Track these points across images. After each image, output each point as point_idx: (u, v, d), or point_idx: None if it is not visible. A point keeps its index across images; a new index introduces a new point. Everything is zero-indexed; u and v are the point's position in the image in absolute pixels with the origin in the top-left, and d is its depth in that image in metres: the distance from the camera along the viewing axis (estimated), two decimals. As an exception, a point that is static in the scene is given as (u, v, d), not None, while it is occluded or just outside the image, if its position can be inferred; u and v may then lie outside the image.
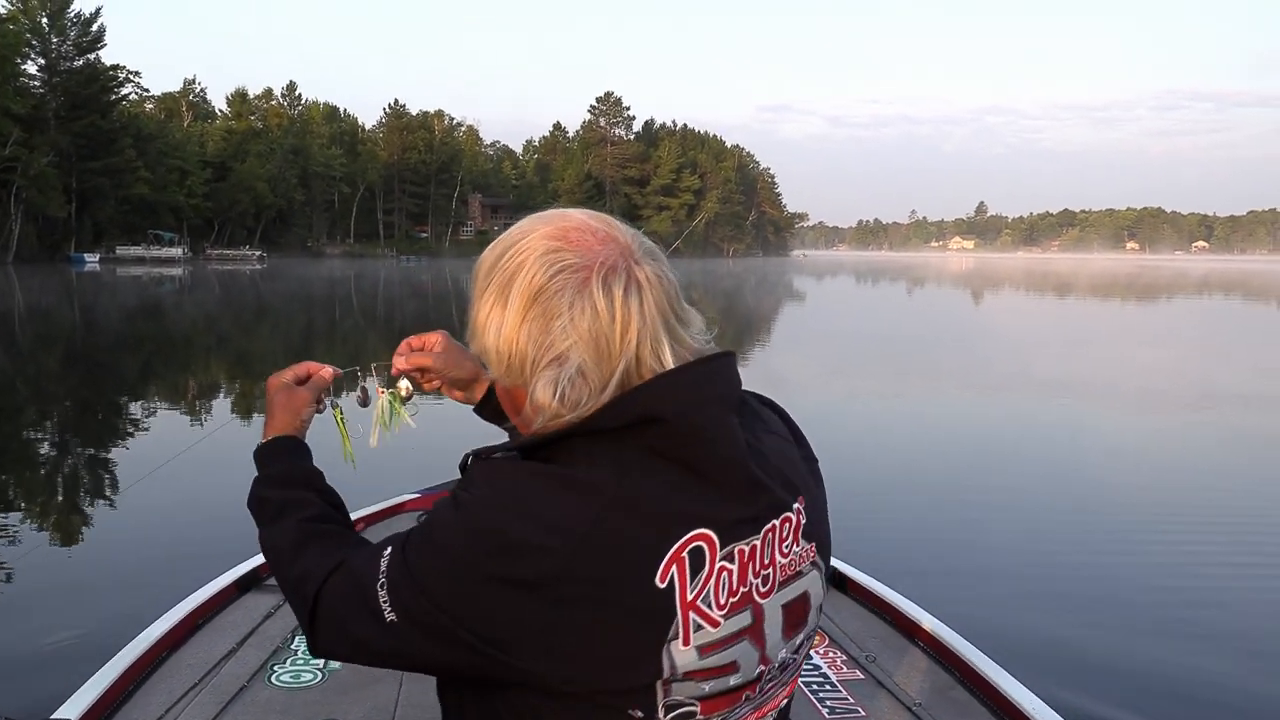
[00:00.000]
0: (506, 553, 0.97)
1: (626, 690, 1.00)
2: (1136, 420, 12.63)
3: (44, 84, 78.86)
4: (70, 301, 36.20)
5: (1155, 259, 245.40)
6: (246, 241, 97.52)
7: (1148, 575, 6.39)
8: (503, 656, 0.99)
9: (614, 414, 1.00)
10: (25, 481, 8.67)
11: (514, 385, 1.07)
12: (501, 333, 1.04)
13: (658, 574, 0.98)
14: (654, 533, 0.99)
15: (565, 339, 1.01)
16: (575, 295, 1.01)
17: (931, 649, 2.91)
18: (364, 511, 3.96)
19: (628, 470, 1.00)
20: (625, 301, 1.02)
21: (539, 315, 1.02)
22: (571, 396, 1.01)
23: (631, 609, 0.98)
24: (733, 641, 1.04)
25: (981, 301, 46.31)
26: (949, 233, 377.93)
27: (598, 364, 1.01)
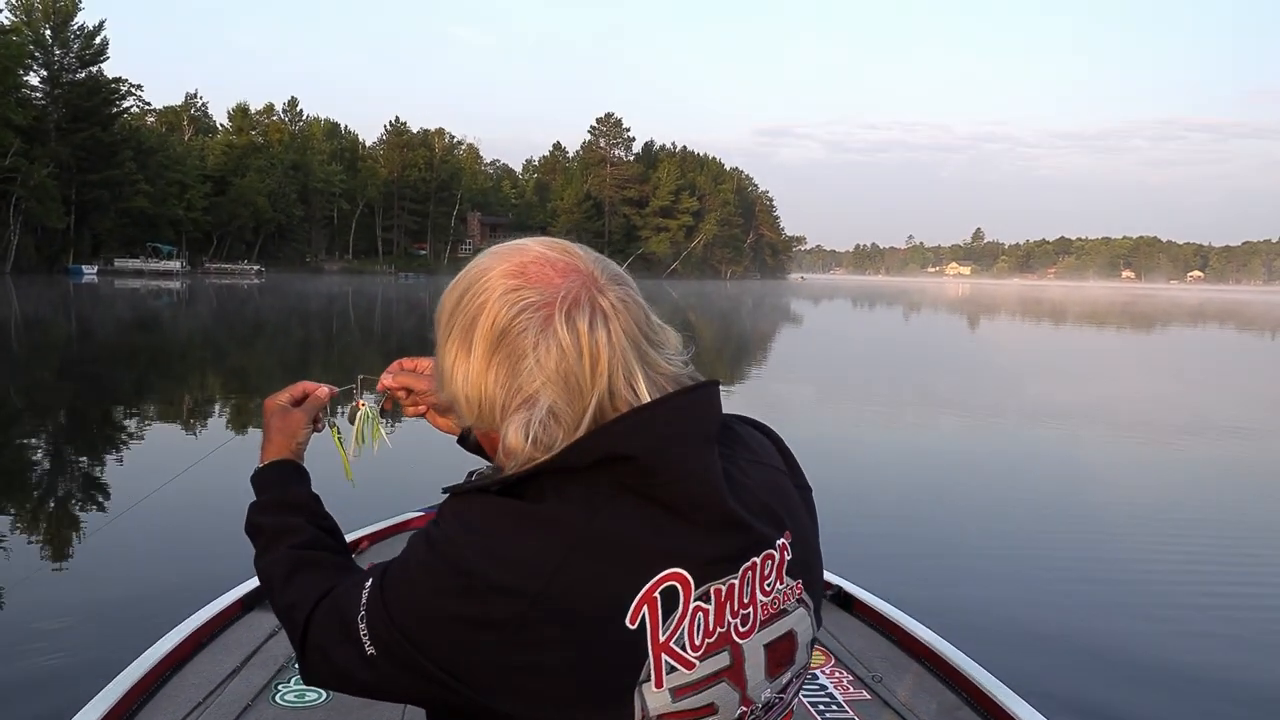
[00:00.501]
0: (472, 593, 0.96)
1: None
2: (1133, 446, 12.69)
3: (46, 95, 79.06)
4: (68, 313, 36.10)
5: (1150, 288, 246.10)
6: (245, 256, 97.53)
7: (1154, 597, 6.39)
8: (474, 694, 0.98)
9: (584, 451, 0.97)
10: (25, 497, 8.59)
11: (487, 430, 1.04)
12: (469, 379, 1.02)
13: (628, 615, 0.96)
14: (624, 572, 0.96)
15: (533, 380, 0.99)
16: (539, 334, 0.98)
17: (938, 669, 2.88)
18: (368, 530, 3.93)
19: (597, 508, 0.97)
20: (591, 334, 0.98)
21: (504, 358, 1.00)
22: (544, 440, 0.98)
23: (601, 651, 0.96)
24: (709, 683, 1.01)
25: (980, 328, 46.35)
26: (946, 258, 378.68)
27: (569, 403, 0.98)
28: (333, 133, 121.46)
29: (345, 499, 1.32)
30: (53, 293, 49.00)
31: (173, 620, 2.99)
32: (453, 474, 4.58)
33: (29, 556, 6.56)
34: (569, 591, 0.95)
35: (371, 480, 1.44)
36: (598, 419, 0.99)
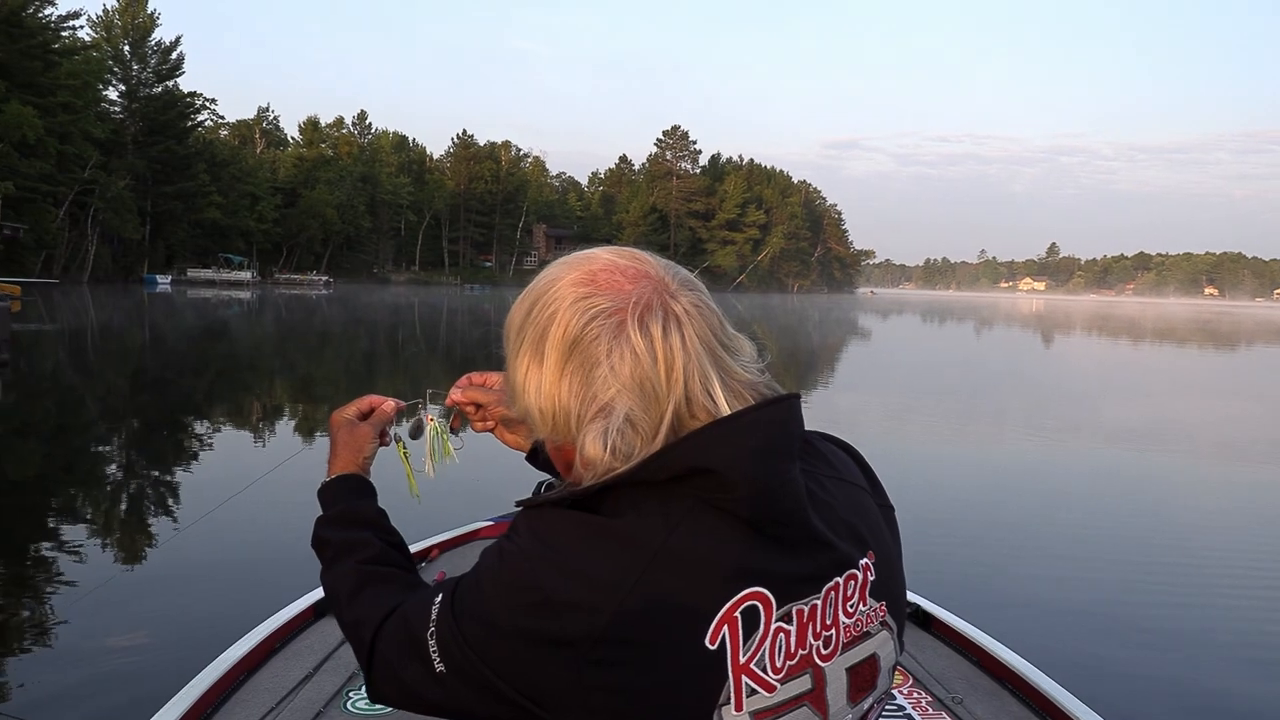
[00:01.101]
0: (544, 610, 0.93)
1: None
2: (1220, 469, 12.08)
3: (124, 109, 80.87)
4: (143, 321, 36.57)
5: (1233, 305, 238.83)
6: (314, 266, 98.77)
7: (1251, 625, 6.04)
8: (545, 714, 0.95)
9: (662, 464, 0.95)
10: (102, 504, 8.54)
11: (563, 443, 1.02)
12: (541, 390, 1.00)
13: (708, 635, 0.93)
14: (704, 590, 0.94)
15: (608, 388, 0.97)
16: (612, 341, 0.97)
17: (1021, 692, 2.75)
18: (439, 538, 3.93)
19: (676, 523, 0.94)
20: (665, 340, 0.97)
21: (578, 367, 0.98)
22: (623, 448, 0.96)
23: (679, 671, 0.93)
24: (790, 707, 0.98)
25: (1056, 345, 44.85)
26: (1019, 273, 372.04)
27: (646, 410, 0.97)
28: (401, 145, 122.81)
29: (415, 508, 1.39)
30: (128, 302, 49.92)
31: (245, 626, 2.95)
32: (524, 482, 3.71)
33: (106, 562, 6.61)
34: (647, 609, 0.92)
35: (442, 489, 1.42)
36: (675, 428, 0.96)
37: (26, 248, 61.43)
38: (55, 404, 14.54)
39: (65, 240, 68.99)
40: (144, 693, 3.23)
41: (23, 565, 6.43)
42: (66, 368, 19.79)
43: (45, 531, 7.23)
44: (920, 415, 15.79)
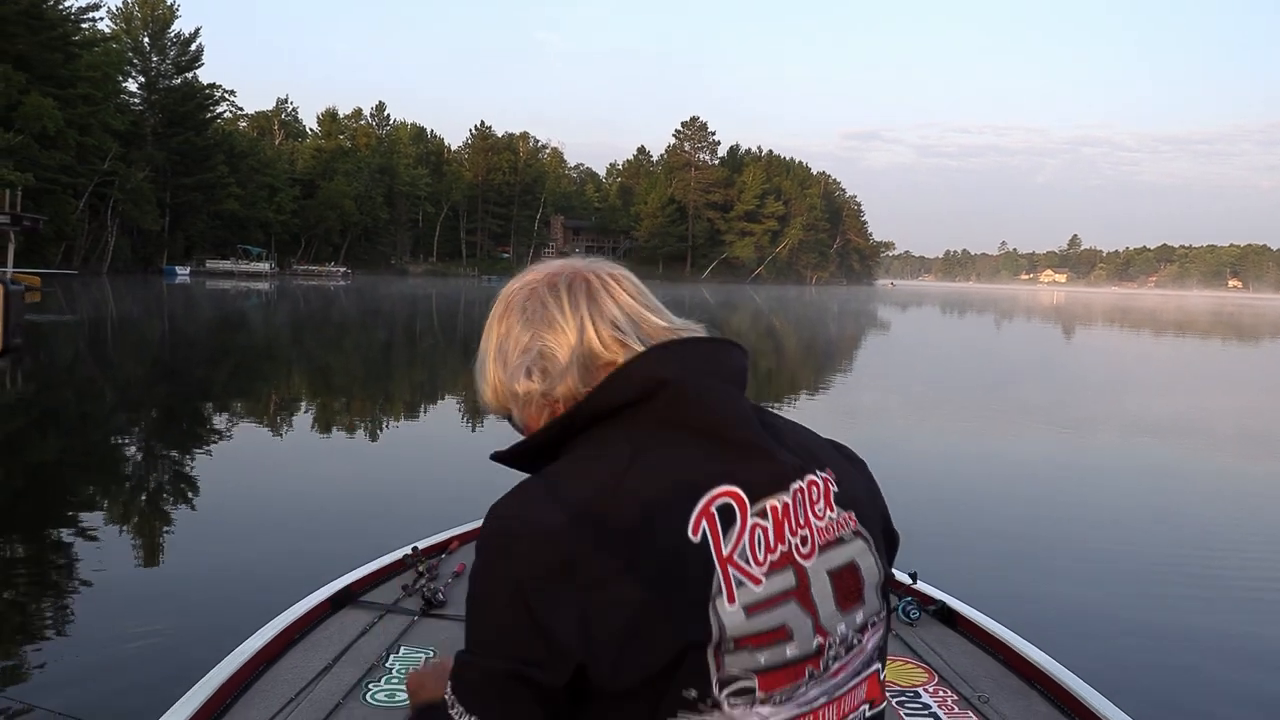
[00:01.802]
0: (518, 546, 0.97)
1: (677, 660, 0.96)
2: (1255, 463, 11.80)
3: (143, 101, 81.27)
4: (162, 312, 36.75)
5: (1258, 298, 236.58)
6: (332, 258, 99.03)
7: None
8: (564, 663, 0.95)
9: (621, 383, 1.04)
10: (122, 493, 8.49)
11: (514, 409, 1.14)
12: (488, 363, 1.15)
13: (689, 527, 0.98)
14: (677, 490, 0.99)
15: (525, 333, 1.11)
16: (526, 300, 1.13)
17: (1049, 691, 2.71)
18: (459, 530, 3.90)
19: (642, 442, 1.02)
20: (571, 291, 1.11)
21: (504, 328, 1.14)
22: (542, 369, 1.09)
23: (667, 565, 0.96)
24: (779, 602, 1.01)
25: (1081, 337, 44.46)
26: (1040, 265, 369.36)
27: (559, 343, 1.09)
28: (419, 137, 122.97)
29: (436, 501, 1.41)
30: (148, 293, 50.11)
31: (264, 617, 2.96)
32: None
33: (125, 551, 6.61)
34: (624, 509, 0.97)
35: (462, 480, 1.44)
36: (592, 359, 1.08)
37: (46, 239, 61.72)
38: (75, 394, 14.51)
39: (85, 232, 69.32)
40: (163, 682, 3.19)
41: (42, 553, 6.40)
42: (86, 358, 19.85)
43: (65, 520, 7.19)
44: (944, 409, 15.60)
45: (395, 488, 8.57)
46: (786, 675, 1.01)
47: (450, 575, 3.46)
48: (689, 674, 0.96)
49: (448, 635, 3.02)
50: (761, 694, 1.00)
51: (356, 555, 3.62)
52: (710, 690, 0.97)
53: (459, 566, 3.54)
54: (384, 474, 9.34)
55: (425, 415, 14.00)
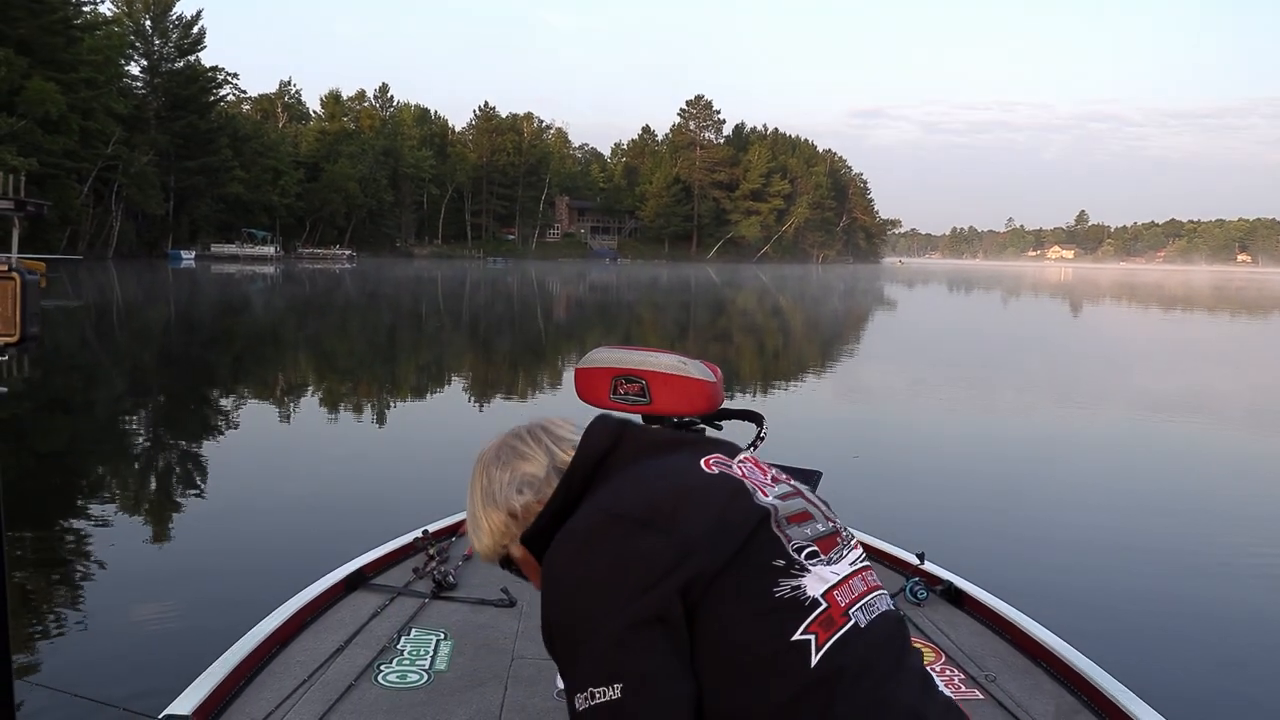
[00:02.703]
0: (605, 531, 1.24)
1: (753, 535, 1.24)
2: (1264, 439, 11.76)
3: (146, 85, 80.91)
4: (168, 296, 36.80)
5: (1268, 271, 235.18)
6: (337, 241, 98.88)
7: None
8: (691, 560, 1.20)
9: (594, 436, 1.41)
10: (131, 478, 8.54)
11: (517, 542, 1.43)
12: (483, 535, 1.46)
13: (706, 468, 1.34)
14: (681, 463, 1.34)
15: (504, 473, 1.44)
16: (497, 453, 1.46)
17: (1055, 669, 2.74)
18: (459, 517, 3.84)
19: (635, 464, 1.36)
20: (533, 435, 1.47)
21: (487, 483, 1.45)
22: (531, 485, 1.42)
23: (709, 487, 1.29)
24: (790, 498, 1.34)
25: (1089, 313, 44.32)
26: (1048, 241, 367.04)
27: (536, 467, 1.43)
28: (423, 118, 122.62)
29: (447, 483, 1.51)
30: (153, 277, 50.07)
31: (277, 600, 2.99)
32: None
33: (139, 537, 6.64)
34: (662, 480, 1.30)
35: (473, 464, 1.47)
36: (564, 465, 1.42)
37: (51, 224, 61.65)
38: (82, 379, 14.56)
39: (89, 217, 69.25)
40: (177, 664, 3.23)
41: (56, 538, 6.43)
42: (93, 343, 19.88)
43: (77, 505, 7.23)
44: (952, 388, 15.56)
45: (405, 470, 8.59)
46: (829, 542, 1.31)
47: (460, 558, 3.48)
48: (768, 546, 1.24)
49: (458, 617, 3.05)
50: (824, 555, 1.28)
51: (368, 538, 3.63)
52: (791, 556, 1.24)
53: (469, 549, 3.55)
54: (394, 457, 9.36)
55: (434, 398, 14.00)
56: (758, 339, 26.05)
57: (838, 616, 1.22)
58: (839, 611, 1.23)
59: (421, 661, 2.76)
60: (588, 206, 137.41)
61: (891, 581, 3.35)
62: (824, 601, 1.22)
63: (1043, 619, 2.99)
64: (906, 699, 1.22)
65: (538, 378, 16.41)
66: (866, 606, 1.28)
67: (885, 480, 8.60)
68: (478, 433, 8.71)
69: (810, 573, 1.24)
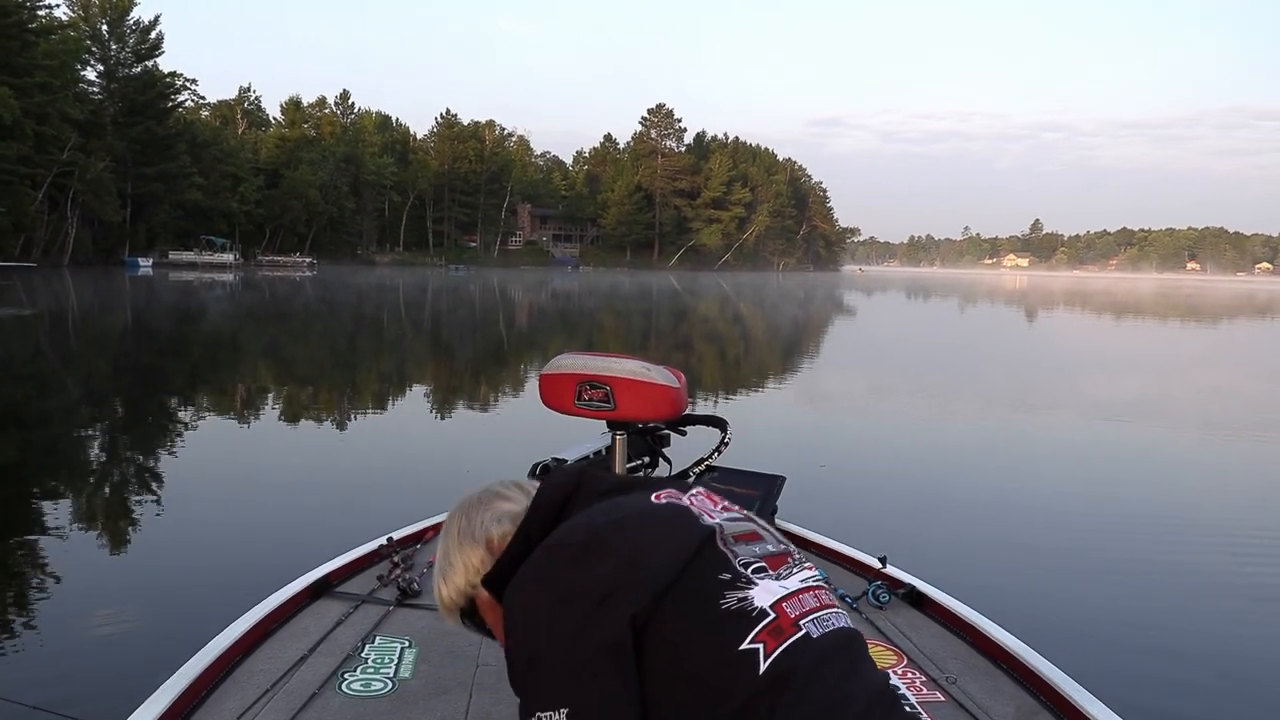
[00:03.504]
0: (559, 557, 1.32)
1: (698, 552, 1.29)
2: (1210, 442, 12.05)
3: (102, 90, 79.87)
4: (124, 304, 36.35)
5: (1215, 279, 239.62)
6: (297, 248, 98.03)
7: (1245, 599, 6.04)
8: (645, 588, 1.25)
9: (557, 478, 1.52)
10: (88, 488, 8.36)
11: (485, 586, 1.49)
12: (455, 576, 1.55)
13: (650, 501, 1.40)
14: (632, 500, 1.41)
15: (484, 512, 1.54)
16: (478, 499, 1.57)
17: (1015, 671, 2.78)
18: (433, 520, 3.91)
19: (591, 504, 1.44)
20: (515, 481, 1.60)
21: (465, 523, 1.55)
22: (511, 517, 1.50)
23: (659, 513, 1.36)
24: (739, 520, 1.40)
25: (1044, 321, 44.92)
26: (1003, 250, 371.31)
27: (516, 503, 1.53)
28: (384, 125, 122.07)
29: (411, 491, 1.54)
30: (109, 285, 49.43)
31: (239, 609, 2.97)
32: (520, 465, 3.56)
33: (98, 547, 6.57)
34: (618, 511, 1.38)
35: (436, 472, 1.48)
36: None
37: (4, 231, 60.82)
38: (36, 389, 14.33)
39: (44, 223, 68.26)
40: (139, 675, 3.20)
41: (6, 551, 6.30)
42: (47, 352, 19.58)
43: (32, 516, 7.10)
44: (910, 394, 15.70)
45: (369, 478, 8.53)
46: (779, 560, 1.34)
47: (425, 565, 3.46)
48: (713, 561, 1.29)
49: (423, 624, 3.04)
50: (773, 571, 1.31)
51: (332, 546, 3.61)
52: (737, 570, 1.28)
53: (433, 557, 3.54)
54: (357, 465, 9.28)
55: (397, 405, 13.92)
56: (720, 346, 26.15)
57: (787, 626, 1.23)
58: (788, 622, 1.24)
59: (386, 669, 2.75)
60: (550, 214, 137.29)
61: (854, 585, 3.38)
62: (772, 612, 1.24)
63: (1003, 621, 3.03)
64: (858, 708, 1.22)
65: (500, 385, 16.37)
66: (819, 620, 1.28)
67: (848, 485, 8.67)
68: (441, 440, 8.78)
69: (757, 585, 1.26)
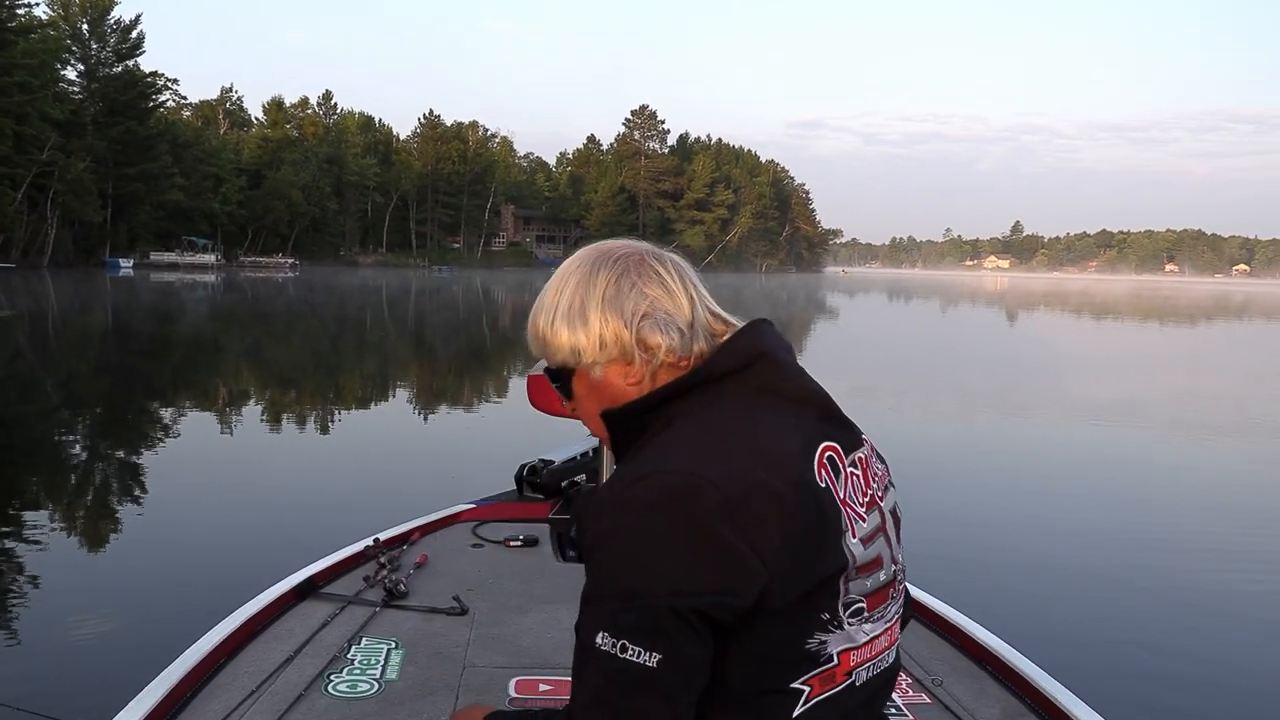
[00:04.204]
0: (703, 493, 1.09)
1: (821, 585, 1.14)
2: (1190, 444, 12.16)
3: (83, 90, 79.31)
4: (105, 306, 36.15)
5: (1194, 281, 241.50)
6: (280, 249, 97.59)
7: (1224, 598, 6.12)
8: (754, 587, 1.09)
9: (731, 353, 1.21)
10: (72, 491, 8.41)
11: (609, 360, 1.23)
12: (589, 326, 1.22)
13: (815, 474, 1.15)
14: (797, 448, 1.16)
15: (643, 299, 1.21)
16: (633, 273, 1.22)
17: (1001, 675, 2.79)
18: (420, 521, 3.97)
19: (752, 405, 1.19)
20: (677, 268, 1.25)
21: (614, 295, 1.21)
22: (672, 335, 1.21)
23: (810, 506, 1.13)
24: (875, 537, 1.21)
25: (1026, 322, 45.20)
26: (984, 251, 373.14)
27: (676, 311, 1.22)
28: (367, 126, 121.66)
29: (398, 492, 1.45)
30: (90, 286, 49.19)
31: (227, 609, 2.95)
32: (505, 467, 3.63)
33: (83, 548, 6.58)
34: (769, 462, 1.13)
35: (423, 474, 1.45)
36: (708, 330, 1.24)
37: (-17, 232, 60.31)
38: (16, 390, 14.28)
39: (24, 224, 67.74)
40: (124, 676, 3.17)
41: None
42: (27, 353, 19.49)
43: (9, 518, 7.07)
44: (895, 394, 15.78)
45: (353, 480, 8.56)
46: (880, 597, 1.22)
47: (411, 566, 3.48)
48: (826, 597, 1.15)
49: (410, 626, 3.03)
50: (868, 613, 1.20)
51: (319, 547, 3.63)
52: (838, 611, 1.16)
53: (420, 558, 3.58)
54: (343, 466, 9.32)
55: (382, 407, 13.93)
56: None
57: (839, 675, 1.17)
58: (843, 671, 1.18)
59: (372, 671, 2.73)
60: (533, 215, 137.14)
61: None
62: (837, 659, 1.17)
63: (988, 624, 3.05)
64: None
65: (487, 386, 16.40)
66: (874, 665, 1.23)
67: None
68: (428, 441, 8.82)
69: (844, 630, 1.17)
